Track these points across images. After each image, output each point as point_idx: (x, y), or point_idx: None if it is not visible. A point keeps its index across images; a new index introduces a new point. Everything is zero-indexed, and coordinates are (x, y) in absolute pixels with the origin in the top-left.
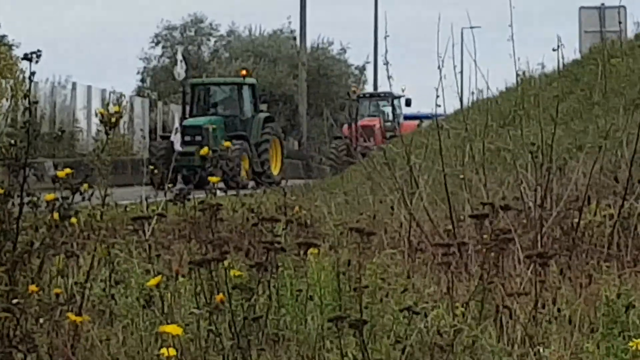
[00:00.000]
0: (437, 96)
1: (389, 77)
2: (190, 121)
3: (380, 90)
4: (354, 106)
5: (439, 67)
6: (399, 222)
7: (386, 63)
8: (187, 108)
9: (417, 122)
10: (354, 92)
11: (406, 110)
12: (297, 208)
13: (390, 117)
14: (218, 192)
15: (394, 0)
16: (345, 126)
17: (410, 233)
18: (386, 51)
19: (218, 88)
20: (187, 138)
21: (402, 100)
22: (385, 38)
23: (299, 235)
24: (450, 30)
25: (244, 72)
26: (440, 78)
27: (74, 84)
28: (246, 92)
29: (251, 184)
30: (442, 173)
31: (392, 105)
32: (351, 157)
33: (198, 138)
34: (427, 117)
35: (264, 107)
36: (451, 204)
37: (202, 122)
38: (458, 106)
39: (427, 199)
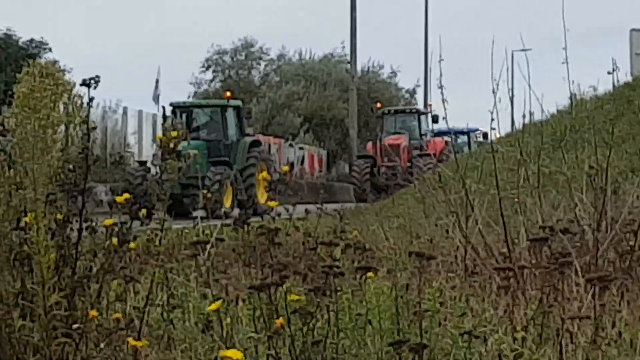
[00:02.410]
0: (492, 119)
1: (443, 101)
2: None
3: (407, 107)
4: (379, 123)
5: (493, 91)
6: (455, 246)
7: (441, 87)
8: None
9: (445, 139)
10: (378, 108)
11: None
12: (355, 232)
13: (417, 134)
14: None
15: (445, 22)
16: (370, 144)
17: (465, 257)
18: (440, 74)
19: (201, 111)
20: None
21: (429, 117)
22: (439, 62)
23: (356, 259)
24: (505, 53)
25: (228, 94)
26: (495, 102)
27: (124, 109)
28: (230, 115)
29: (235, 212)
30: (497, 196)
31: (419, 122)
32: (373, 177)
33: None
34: (461, 132)
35: (250, 130)
36: (506, 227)
37: (182, 147)
38: (509, 128)
39: (482, 222)
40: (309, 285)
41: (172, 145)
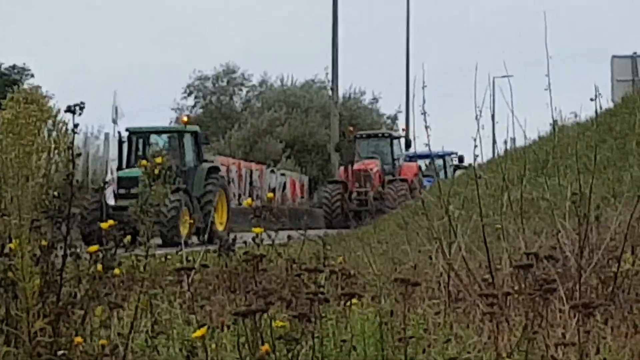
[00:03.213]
0: (475, 146)
1: (426, 127)
2: (125, 172)
3: (379, 131)
4: (351, 147)
5: (476, 118)
6: (438, 272)
7: (423, 113)
8: (124, 158)
9: (417, 164)
10: (351, 132)
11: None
12: (340, 258)
13: (390, 159)
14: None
15: (425, 48)
16: (341, 169)
17: (449, 283)
18: (424, 101)
19: (157, 136)
20: (122, 191)
21: (402, 141)
22: (422, 88)
23: (340, 286)
24: (488, 79)
25: (185, 119)
26: (478, 128)
27: (106, 135)
28: (188, 141)
29: (193, 240)
30: (480, 222)
31: (391, 146)
32: (344, 203)
33: (134, 191)
34: (435, 155)
35: (208, 156)
36: (489, 254)
37: (138, 173)
38: (491, 154)
39: (465, 248)
40: (294, 312)
41: (156, 171)
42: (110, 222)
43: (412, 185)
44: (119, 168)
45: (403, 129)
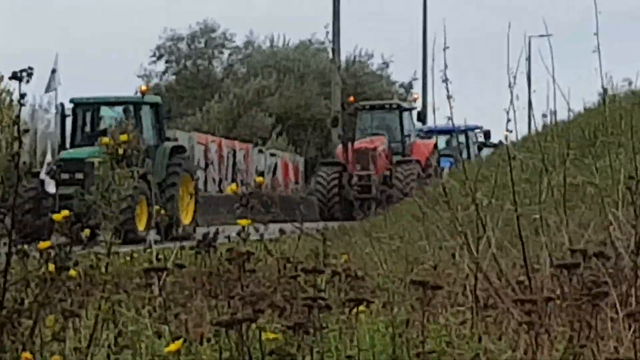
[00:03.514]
0: (508, 120)
1: (448, 97)
2: (69, 153)
3: (386, 101)
4: (351, 121)
5: (509, 85)
6: (463, 273)
7: (445, 80)
8: (68, 135)
9: (433, 142)
10: (351, 102)
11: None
12: (344, 257)
13: (399, 135)
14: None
15: (446, 4)
16: (339, 148)
17: (476, 286)
18: (445, 66)
19: (109, 109)
20: (65, 176)
21: (414, 114)
22: (444, 50)
23: (344, 290)
24: (523, 39)
25: (143, 88)
26: (512, 98)
27: (59, 107)
28: (147, 115)
29: (152, 235)
30: (514, 213)
31: (401, 120)
32: (342, 189)
33: (79, 176)
34: (454, 130)
35: (171, 133)
36: (525, 251)
37: (86, 154)
38: (526, 130)
39: (496, 244)
40: (288, 321)
41: (120, 151)
42: (65, 212)
43: (427, 167)
44: (62, 148)
45: (415, 98)
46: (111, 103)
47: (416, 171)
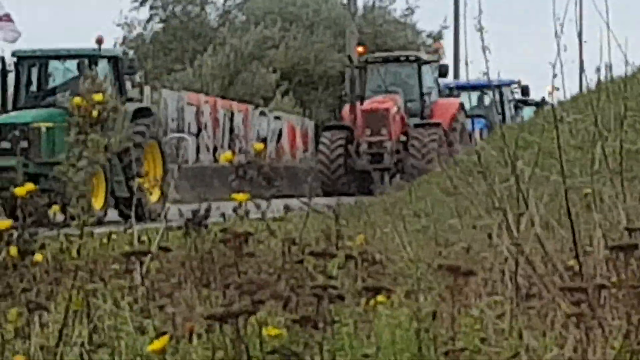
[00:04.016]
0: (555, 75)
1: (483, 48)
2: (9, 116)
3: (401, 52)
4: (361, 77)
5: (556, 34)
6: (502, 257)
7: (480, 29)
8: (9, 95)
9: (458, 100)
10: (360, 54)
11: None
12: (360, 238)
13: (417, 94)
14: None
15: None
16: (345, 108)
17: (517, 272)
18: (480, 11)
19: (59, 64)
20: (4, 144)
21: (435, 67)
22: None
23: (360, 277)
24: None
25: (99, 38)
26: (559, 50)
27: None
28: (104, 70)
29: (111, 215)
30: (562, 186)
31: (420, 75)
32: (349, 158)
33: (23, 144)
34: (485, 86)
35: (134, 93)
36: (575, 231)
37: (29, 119)
38: (577, 88)
39: (540, 223)
40: (293, 314)
41: (94, 113)
42: (30, 186)
43: (451, 130)
44: (3, 110)
45: (437, 48)
46: (61, 56)
47: (437, 136)
